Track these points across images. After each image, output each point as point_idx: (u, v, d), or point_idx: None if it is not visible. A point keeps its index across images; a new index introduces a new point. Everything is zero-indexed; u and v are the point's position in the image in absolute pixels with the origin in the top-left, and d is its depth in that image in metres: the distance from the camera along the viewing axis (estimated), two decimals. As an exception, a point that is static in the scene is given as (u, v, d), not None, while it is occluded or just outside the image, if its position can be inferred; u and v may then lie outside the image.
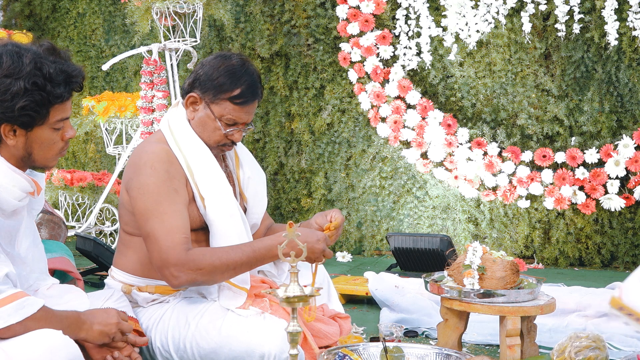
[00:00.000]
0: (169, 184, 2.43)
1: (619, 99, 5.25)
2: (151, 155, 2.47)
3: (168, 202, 2.41)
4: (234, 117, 2.53)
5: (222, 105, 2.51)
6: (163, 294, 2.56)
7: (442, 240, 4.39)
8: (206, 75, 2.52)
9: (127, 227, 2.57)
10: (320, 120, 5.97)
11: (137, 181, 2.44)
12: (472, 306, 2.79)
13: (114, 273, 2.63)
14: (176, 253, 2.35)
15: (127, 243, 2.59)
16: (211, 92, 2.51)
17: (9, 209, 2.12)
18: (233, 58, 2.55)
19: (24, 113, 2.04)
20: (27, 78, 2.03)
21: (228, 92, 2.50)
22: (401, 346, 2.49)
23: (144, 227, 2.42)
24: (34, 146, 2.11)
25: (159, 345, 2.48)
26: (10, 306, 1.97)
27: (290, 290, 1.97)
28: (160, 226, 2.38)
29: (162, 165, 2.45)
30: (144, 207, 2.41)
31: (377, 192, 5.83)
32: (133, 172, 2.47)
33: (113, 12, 6.88)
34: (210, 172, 2.53)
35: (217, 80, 2.50)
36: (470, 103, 5.54)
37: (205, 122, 2.54)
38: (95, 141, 6.83)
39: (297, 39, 6.02)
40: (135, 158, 2.52)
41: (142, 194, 2.42)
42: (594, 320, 3.50)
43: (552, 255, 5.40)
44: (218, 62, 2.54)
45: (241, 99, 2.52)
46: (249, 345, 2.35)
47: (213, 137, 2.55)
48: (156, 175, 2.43)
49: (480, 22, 5.34)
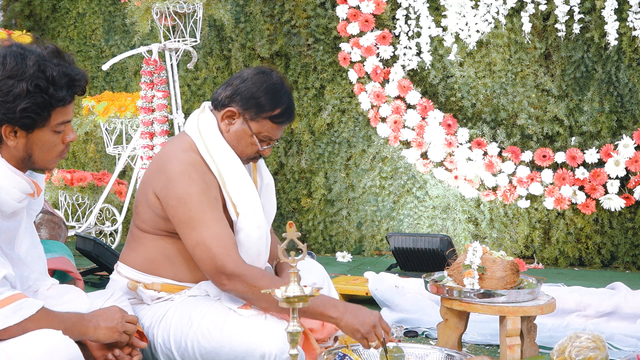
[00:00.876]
0: (209, 192, 2.49)
1: (619, 99, 5.25)
2: (186, 165, 2.49)
3: (211, 210, 2.46)
4: (270, 134, 2.58)
5: (261, 123, 2.56)
6: (169, 292, 2.57)
7: (442, 240, 4.39)
8: (249, 91, 2.55)
9: (144, 224, 2.58)
10: (320, 120, 5.97)
11: (175, 191, 2.47)
12: (472, 306, 2.79)
13: (120, 268, 2.64)
14: (232, 260, 2.41)
15: (138, 239, 2.61)
16: (253, 110, 2.55)
17: (9, 210, 2.12)
18: (274, 76, 2.59)
19: (25, 115, 2.04)
20: (30, 80, 2.03)
21: (269, 112, 2.55)
22: (401, 346, 2.49)
23: (189, 236, 2.45)
24: (34, 148, 2.11)
25: (160, 342, 2.50)
26: (8, 308, 1.97)
27: (290, 290, 1.96)
28: (209, 233, 2.43)
29: (200, 175, 2.49)
30: (188, 216, 2.45)
31: (377, 192, 5.83)
32: (168, 181, 2.49)
33: (113, 12, 6.87)
34: (242, 182, 2.57)
35: (260, 99, 2.54)
36: (470, 103, 5.54)
37: (241, 137, 2.58)
38: (95, 141, 6.83)
39: (297, 39, 6.02)
40: (166, 165, 2.53)
41: (184, 204, 2.46)
42: (594, 320, 3.50)
43: (552, 255, 5.40)
44: (260, 79, 2.57)
45: (281, 118, 2.57)
46: (249, 345, 2.36)
47: (246, 151, 2.60)
48: (196, 185, 2.47)
49: (480, 22, 5.34)
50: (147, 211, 2.56)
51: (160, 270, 2.57)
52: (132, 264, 2.61)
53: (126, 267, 2.62)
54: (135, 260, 2.61)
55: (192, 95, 6.43)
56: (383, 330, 2.43)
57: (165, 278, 2.57)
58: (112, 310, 2.23)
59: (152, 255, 2.57)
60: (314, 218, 6.03)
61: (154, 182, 2.54)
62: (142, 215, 2.58)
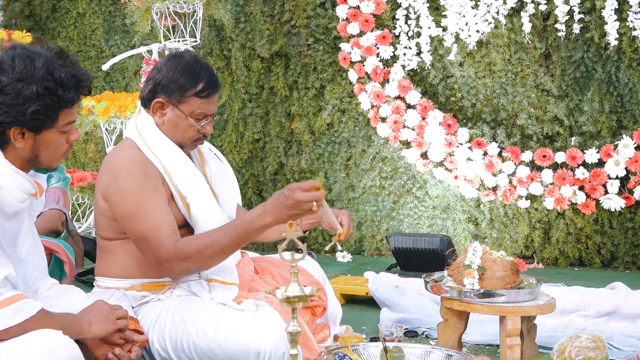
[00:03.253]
0: (147, 183, 2.49)
1: (619, 99, 5.25)
2: (125, 160, 2.52)
3: (149, 201, 2.46)
4: (203, 110, 2.59)
5: (190, 103, 2.58)
6: (151, 291, 2.58)
7: (442, 240, 4.39)
8: (166, 78, 2.57)
9: (105, 232, 2.60)
10: (320, 120, 5.97)
11: (115, 187, 2.49)
12: (472, 306, 2.79)
13: (99, 282, 2.65)
14: (165, 247, 2.40)
15: (106, 249, 2.63)
16: (177, 93, 2.57)
17: (11, 210, 2.12)
18: (186, 56, 2.62)
19: (35, 117, 2.06)
20: (40, 82, 2.05)
21: (193, 89, 2.57)
22: (401, 346, 2.49)
23: (131, 229, 2.46)
24: (41, 149, 2.13)
25: (157, 347, 2.50)
26: (9, 308, 1.97)
27: (290, 290, 1.96)
28: (146, 225, 2.43)
29: (138, 168, 2.50)
30: (127, 210, 2.46)
31: (377, 192, 5.83)
32: (109, 179, 2.52)
33: (113, 12, 6.88)
34: (188, 172, 2.58)
35: (179, 81, 2.57)
36: (470, 103, 5.54)
37: (177, 123, 2.60)
38: (95, 141, 6.83)
39: (297, 39, 6.02)
40: (108, 165, 2.56)
41: (123, 198, 2.47)
42: (594, 320, 3.51)
43: (552, 255, 5.40)
44: (173, 63, 2.60)
45: (206, 91, 2.58)
46: (244, 343, 2.37)
47: (187, 134, 2.61)
48: (134, 177, 2.48)
49: (480, 22, 5.34)
50: (102, 218, 2.58)
51: (136, 272, 2.58)
52: (107, 274, 2.62)
53: (103, 279, 2.64)
54: (108, 269, 2.62)
55: (192, 95, 6.42)
56: (308, 192, 2.29)
57: (143, 278, 2.59)
58: (98, 304, 2.25)
59: (123, 259, 2.59)
60: (314, 218, 6.02)
61: (99, 185, 2.57)
62: (101, 224, 2.60)
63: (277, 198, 2.34)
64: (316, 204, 2.29)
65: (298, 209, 2.30)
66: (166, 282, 2.59)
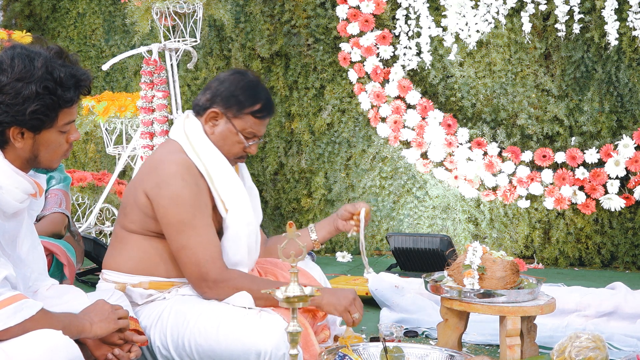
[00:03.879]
0: (200, 197, 2.55)
1: (619, 99, 5.25)
2: (179, 166, 2.55)
3: (201, 216, 2.52)
4: (254, 130, 2.65)
5: (244, 120, 2.64)
6: (158, 289, 2.58)
7: (442, 240, 4.39)
8: (228, 91, 2.63)
9: (131, 224, 2.60)
10: (320, 120, 5.97)
11: (167, 191, 2.51)
12: (472, 306, 2.79)
13: (106, 275, 2.65)
14: (216, 268, 2.48)
15: (123, 240, 2.63)
16: (234, 107, 2.63)
17: (11, 210, 2.12)
18: (249, 75, 2.70)
19: (34, 117, 2.06)
20: (39, 82, 2.05)
21: (250, 107, 2.63)
22: (401, 346, 2.49)
23: (176, 239, 2.50)
24: (40, 149, 2.13)
25: (158, 345, 2.51)
26: (8, 308, 1.97)
27: (290, 290, 1.97)
28: (196, 239, 2.49)
29: (192, 178, 2.55)
30: (178, 219, 2.50)
31: (377, 192, 5.83)
32: (161, 181, 2.53)
33: (113, 12, 6.87)
34: (230, 180, 2.64)
35: (239, 97, 2.63)
36: (470, 103, 5.55)
37: (226, 136, 2.65)
38: (95, 141, 6.83)
39: (297, 39, 6.02)
40: (158, 166, 2.57)
41: (176, 204, 2.50)
42: (594, 320, 3.51)
43: (552, 255, 5.40)
44: (237, 78, 2.66)
45: (262, 113, 2.65)
46: (245, 344, 2.38)
47: (233, 150, 2.66)
48: (189, 187, 2.52)
49: (480, 22, 5.34)
50: (137, 212, 2.59)
51: (149, 269, 2.60)
52: (118, 267, 2.63)
53: (111, 272, 2.64)
54: (121, 262, 2.62)
55: (192, 95, 6.43)
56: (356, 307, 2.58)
57: (153, 276, 2.60)
58: (99, 303, 2.25)
59: (140, 254, 2.60)
60: (314, 218, 6.02)
61: (145, 182, 2.57)
62: (131, 216, 2.61)
63: (338, 290, 2.65)
64: (357, 317, 2.58)
65: (345, 304, 2.58)
66: (174, 282, 2.61)
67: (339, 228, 2.91)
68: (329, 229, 2.92)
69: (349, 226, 2.87)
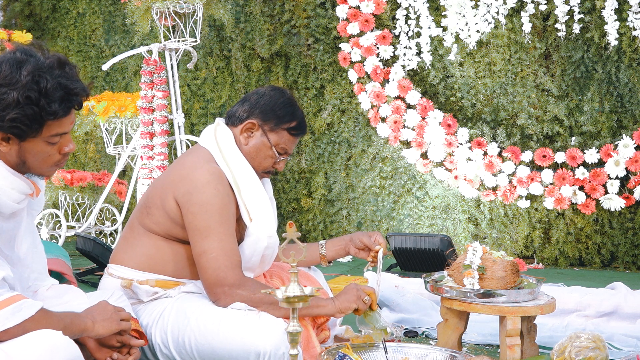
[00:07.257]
0: (229, 208, 2.59)
1: (619, 99, 5.25)
2: (212, 175, 2.59)
3: (227, 225, 2.56)
4: (286, 146, 2.72)
5: (280, 134, 2.70)
6: (164, 288, 2.59)
7: (442, 240, 4.39)
8: (267, 105, 2.70)
9: (155, 226, 2.62)
10: (320, 120, 5.97)
11: (199, 198, 2.55)
12: (472, 306, 2.79)
13: (112, 270, 2.65)
14: (235, 274, 2.51)
15: (138, 236, 2.64)
16: (272, 121, 2.69)
17: (8, 211, 2.11)
18: (287, 93, 2.77)
19: (13, 125, 2.00)
20: (22, 90, 1.98)
21: (287, 124, 2.70)
22: (401, 346, 2.49)
23: (200, 243, 2.54)
24: (27, 156, 2.08)
25: (159, 342, 2.52)
26: (7, 309, 1.96)
27: (290, 290, 1.96)
28: (219, 245, 2.52)
29: (224, 189, 2.59)
30: (205, 224, 2.53)
31: (377, 192, 5.83)
32: (193, 188, 2.57)
33: (113, 12, 6.88)
34: (257, 191, 2.68)
35: (278, 112, 2.70)
36: (470, 103, 5.54)
37: (260, 149, 2.70)
38: (95, 141, 6.83)
39: (297, 39, 6.02)
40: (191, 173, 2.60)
41: (206, 211, 2.54)
42: (594, 320, 3.50)
43: (552, 255, 5.40)
44: (276, 94, 2.74)
45: (296, 130, 2.73)
46: (244, 343, 2.39)
47: (264, 163, 2.72)
48: (220, 197, 2.57)
49: (480, 22, 5.34)
50: (163, 216, 2.61)
51: (155, 267, 2.61)
52: (127, 262, 2.63)
53: (119, 267, 2.64)
54: (129, 258, 2.63)
55: (192, 95, 6.43)
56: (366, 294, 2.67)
57: (159, 274, 2.61)
58: (102, 304, 2.24)
59: (149, 251, 2.61)
60: (314, 218, 6.03)
61: (176, 188, 2.60)
62: (156, 218, 2.62)
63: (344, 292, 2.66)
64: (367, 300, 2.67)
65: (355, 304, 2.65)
66: (180, 281, 2.62)
67: (349, 253, 3.02)
68: (339, 251, 3.03)
69: (362, 255, 2.97)
